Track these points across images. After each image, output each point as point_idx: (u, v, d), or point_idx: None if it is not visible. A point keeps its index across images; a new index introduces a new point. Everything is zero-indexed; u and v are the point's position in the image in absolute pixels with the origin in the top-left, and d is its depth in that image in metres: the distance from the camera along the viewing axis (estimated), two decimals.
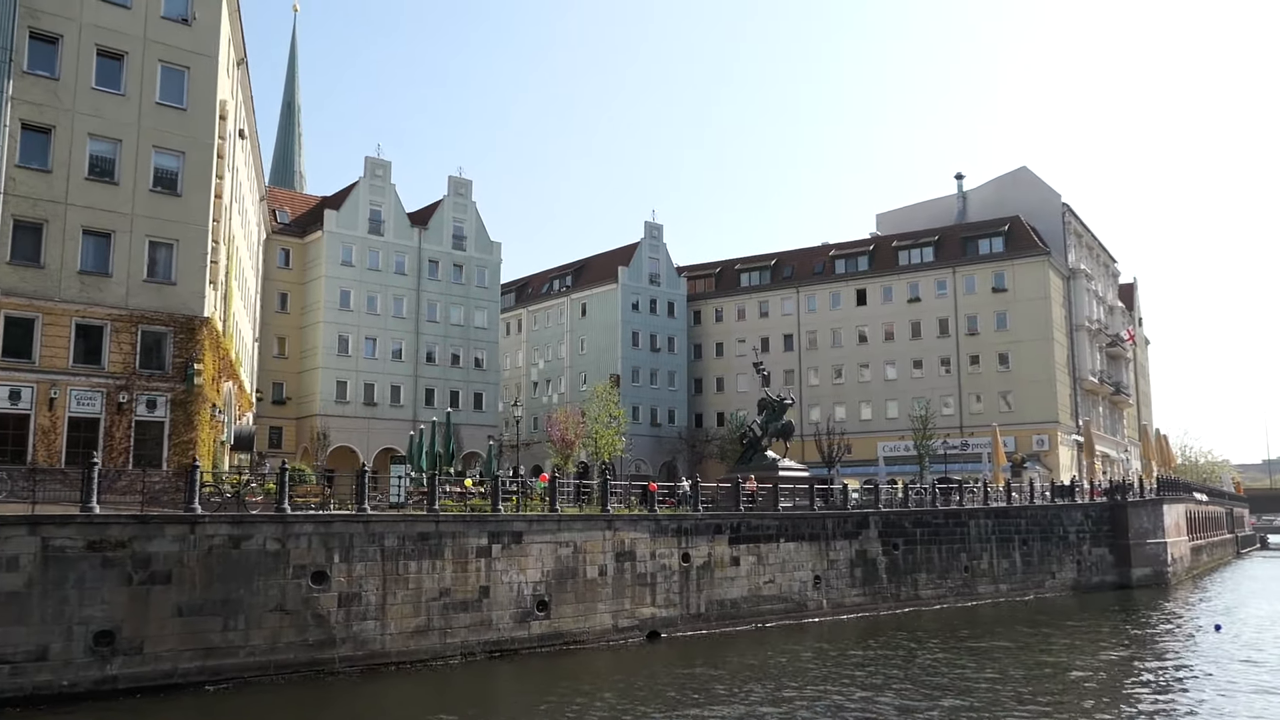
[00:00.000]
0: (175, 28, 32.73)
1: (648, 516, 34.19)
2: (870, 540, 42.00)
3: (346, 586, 26.24)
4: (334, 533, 26.23)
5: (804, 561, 39.12)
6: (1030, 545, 49.78)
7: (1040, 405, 70.72)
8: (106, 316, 30.56)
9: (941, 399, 74.46)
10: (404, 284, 67.44)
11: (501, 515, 29.99)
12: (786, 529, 38.72)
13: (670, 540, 34.53)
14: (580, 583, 31.55)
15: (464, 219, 70.97)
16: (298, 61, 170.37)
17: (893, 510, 44.16)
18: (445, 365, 68.84)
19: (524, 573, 30.11)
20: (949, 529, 45.77)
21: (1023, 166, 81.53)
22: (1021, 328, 72.18)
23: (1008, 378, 72.44)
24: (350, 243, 65.47)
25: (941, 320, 75.43)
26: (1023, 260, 72.74)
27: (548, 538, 30.99)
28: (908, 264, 77.79)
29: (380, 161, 68.01)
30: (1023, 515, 49.98)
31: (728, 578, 36.17)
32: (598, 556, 32.24)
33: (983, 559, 47.07)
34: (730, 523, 36.82)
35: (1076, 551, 52.81)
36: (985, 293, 73.92)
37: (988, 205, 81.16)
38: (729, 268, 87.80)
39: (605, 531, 32.61)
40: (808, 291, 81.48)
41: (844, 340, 79.38)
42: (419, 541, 27.87)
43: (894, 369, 76.91)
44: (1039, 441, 70.44)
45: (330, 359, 63.95)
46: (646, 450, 79.18)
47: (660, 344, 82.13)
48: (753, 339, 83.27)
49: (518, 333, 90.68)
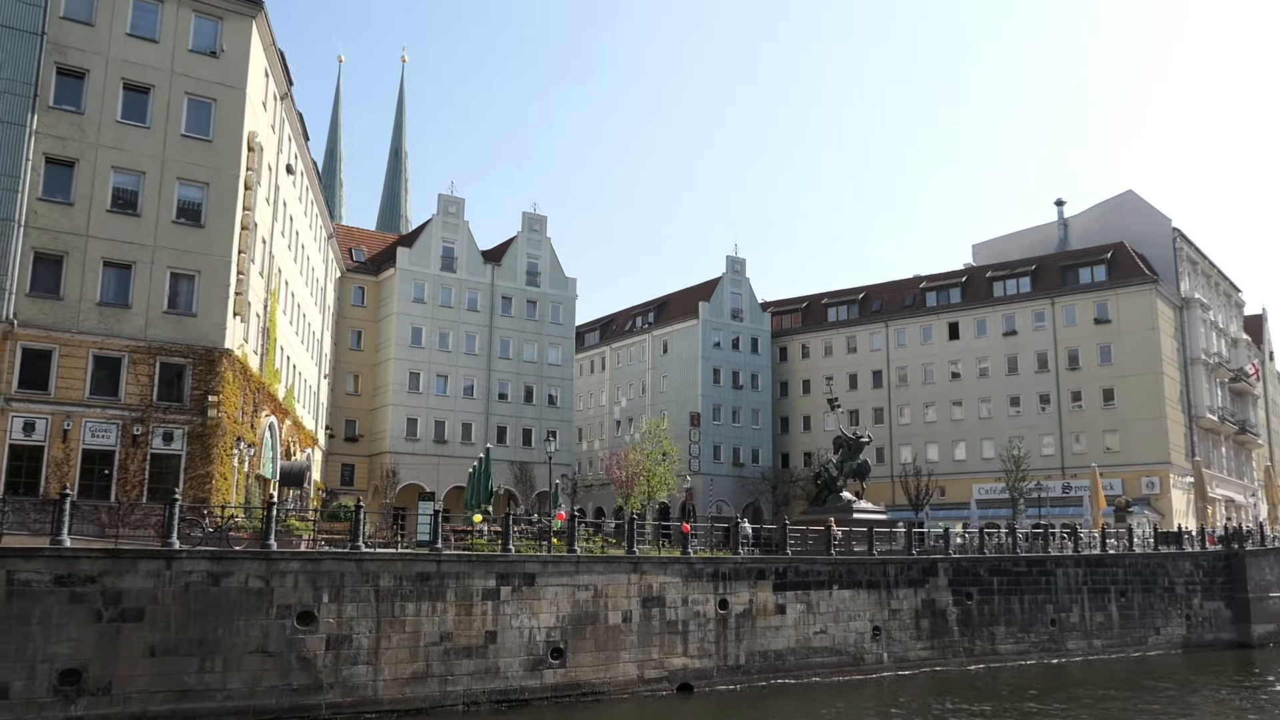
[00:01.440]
0: (203, 60, 32.75)
1: (679, 559, 31.99)
2: (939, 589, 38.71)
3: (336, 628, 24.90)
4: (323, 571, 24.98)
5: (861, 611, 36.17)
6: (1129, 597, 45.39)
7: (1150, 445, 65.40)
8: (124, 348, 30.35)
9: (1040, 438, 69.71)
10: (476, 321, 67.08)
11: (512, 555, 28.31)
12: (840, 575, 35.90)
13: (705, 585, 32.23)
14: (601, 629, 29.54)
15: (538, 255, 70.39)
16: (405, 110, 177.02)
17: (965, 556, 40.76)
18: (518, 402, 67.98)
19: (536, 617, 28.31)
20: (1032, 578, 42.00)
21: (1129, 190, 76.55)
22: (1127, 361, 67.15)
23: (1113, 415, 67.36)
24: (422, 280, 65.53)
25: (1040, 354, 70.90)
26: (1128, 289, 67.85)
27: (564, 580, 29.14)
28: (1003, 295, 73.60)
29: (453, 199, 68.13)
30: (1120, 564, 45.67)
31: (772, 627, 33.57)
32: (621, 601, 30.20)
33: (1072, 611, 43.00)
34: (775, 567, 34.27)
35: (1185, 605, 48.00)
36: (1087, 324, 69.16)
37: (1091, 232, 76.36)
38: (815, 302, 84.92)
39: (630, 575, 30.58)
40: (897, 326, 77.94)
41: (936, 376, 75.42)
42: (418, 582, 26.39)
43: (989, 407, 72.53)
44: (1149, 484, 65.06)
45: (401, 396, 63.80)
46: (729, 491, 76.58)
47: (743, 381, 79.64)
48: (840, 376, 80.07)
49: (601, 371, 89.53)
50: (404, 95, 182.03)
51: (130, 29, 31.65)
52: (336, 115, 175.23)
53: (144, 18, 31.86)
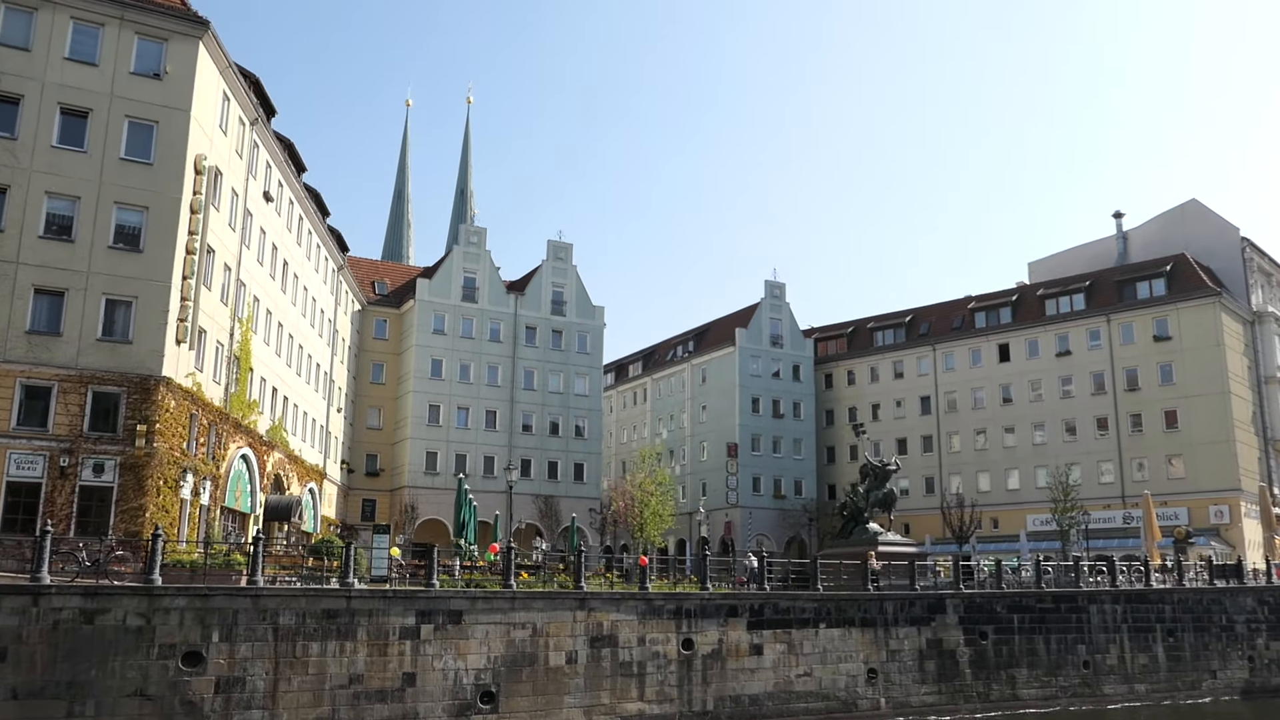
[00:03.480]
0: (145, 83, 32.04)
1: (634, 595, 29.53)
2: (947, 627, 35.36)
3: (226, 669, 23.14)
4: (213, 608, 23.27)
5: (853, 651, 33.10)
6: (1179, 637, 41.11)
7: (1217, 471, 60.16)
8: (54, 376, 29.46)
9: (1098, 465, 64.94)
10: (499, 352, 65.68)
11: (435, 591, 26.26)
12: (828, 613, 32.94)
13: (666, 624, 29.68)
14: (540, 671, 27.23)
15: (564, 283, 68.81)
16: (470, 150, 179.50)
17: (980, 592, 37.28)
18: (543, 435, 66.14)
19: (463, 658, 26.16)
20: (1060, 615, 38.22)
21: (1192, 199, 71.53)
22: (1190, 381, 62.15)
23: (1176, 439, 62.31)
24: (443, 311, 64.49)
25: (1096, 375, 66.24)
26: (1189, 304, 62.95)
27: (497, 618, 26.97)
28: (1055, 314, 69.18)
29: (475, 229, 67.20)
30: (1167, 600, 41.45)
31: (745, 669, 30.79)
32: (565, 641, 27.87)
33: (1109, 653, 39.02)
34: (750, 604, 31.52)
35: (1248, 646, 43.42)
36: (1145, 342, 64.38)
37: (1152, 245, 71.47)
38: (861, 326, 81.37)
39: (576, 612, 28.25)
40: (945, 349, 73.98)
41: (986, 401, 71.15)
42: (324, 619, 24.51)
43: (1042, 432, 68.02)
44: (1217, 513, 59.81)
45: (420, 429, 62.61)
46: (769, 524, 73.32)
47: (784, 410, 76.45)
48: (887, 402, 76.37)
49: (643, 402, 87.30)
50: (469, 135, 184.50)
51: (69, 53, 31.13)
52: (404, 158, 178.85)
53: (84, 41, 31.33)
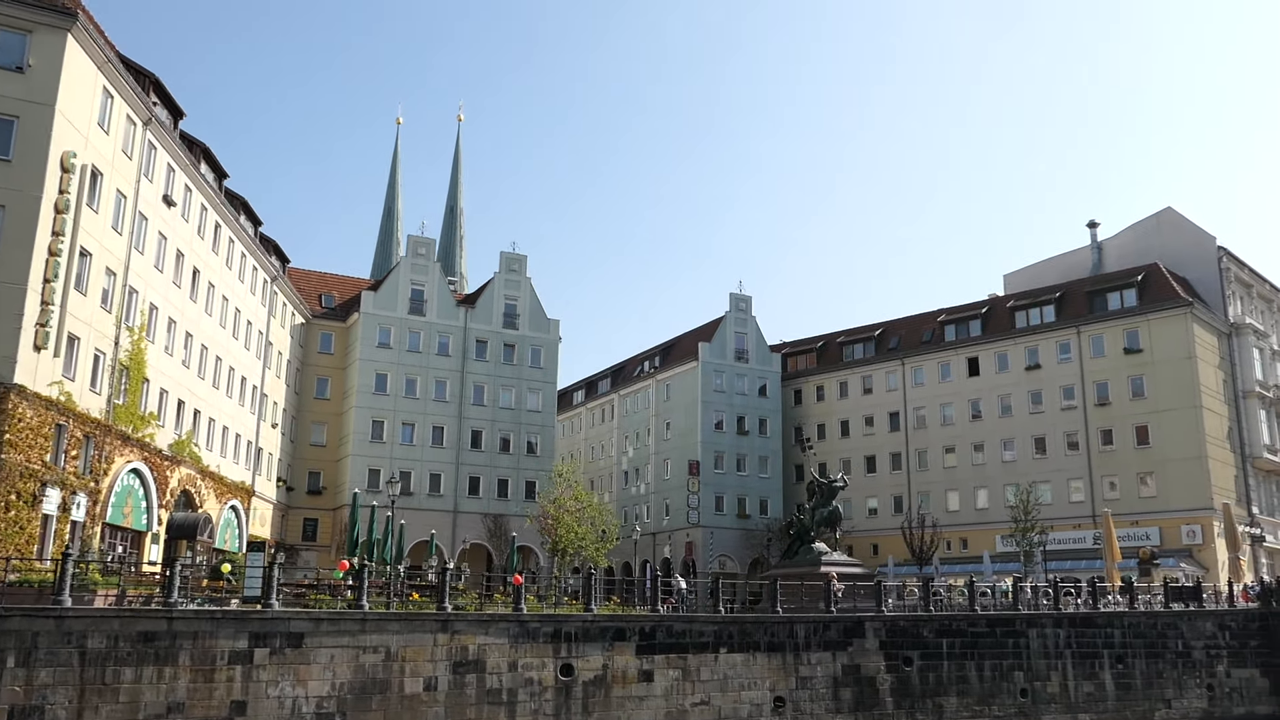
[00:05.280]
0: (5, 76, 30.48)
1: (506, 617, 27.48)
2: (867, 653, 33.15)
3: (23, 698, 21.18)
4: (8, 630, 21.38)
5: (758, 678, 30.92)
6: (1129, 664, 38.73)
7: (1189, 489, 57.63)
8: None
9: (1069, 484, 62.50)
10: (448, 366, 63.82)
11: (272, 612, 24.26)
12: (730, 636, 30.78)
13: (542, 648, 27.60)
14: (394, 700, 25.16)
15: (517, 296, 67.00)
16: (461, 167, 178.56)
17: (904, 615, 35.03)
18: (493, 451, 64.14)
19: (303, 685, 24.13)
20: (995, 640, 35.95)
21: (1167, 207, 69.22)
22: (1162, 395, 59.75)
23: (1148, 456, 59.83)
24: (388, 324, 62.74)
25: (1066, 389, 63.86)
26: (1159, 315, 60.63)
27: (344, 641, 24.94)
28: (1025, 326, 66.96)
29: (423, 240, 65.56)
30: (1116, 625, 39.09)
31: (633, 697, 28.64)
32: (424, 666, 25.81)
33: (1050, 680, 36.68)
34: (640, 627, 29.42)
35: (1206, 674, 40.99)
36: (1116, 355, 62.02)
37: (1127, 255, 69.25)
38: (831, 341, 79.16)
39: (438, 634, 26.20)
40: (914, 363, 71.75)
41: (955, 417, 68.83)
42: (140, 643, 22.52)
43: (1011, 450, 65.64)
44: (1189, 533, 57.28)
45: (363, 445, 60.70)
46: (732, 545, 70.98)
47: (749, 426, 74.23)
48: (856, 419, 74.13)
49: (610, 420, 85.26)
50: (460, 152, 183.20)
51: None
52: (394, 175, 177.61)
53: None
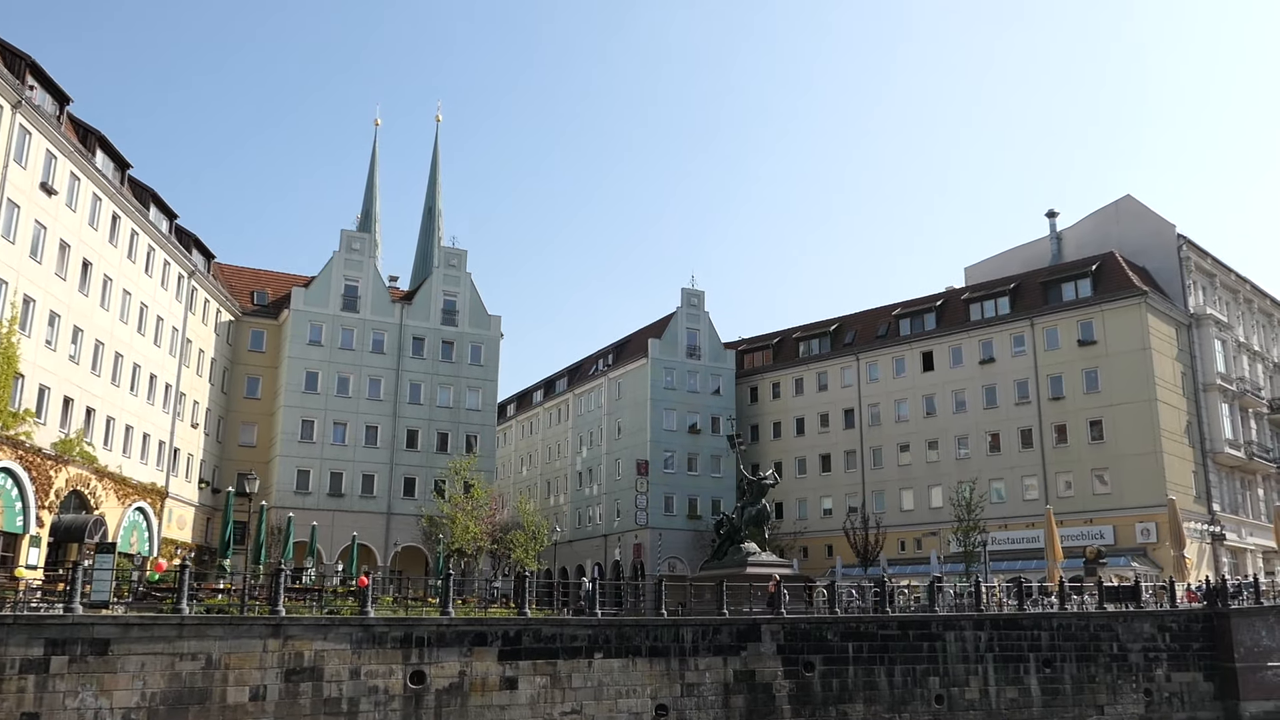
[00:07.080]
0: None
1: (346, 620, 25.56)
2: (762, 657, 31.21)
3: None
4: None
5: (637, 685, 28.98)
6: (1058, 668, 36.69)
7: (1144, 486, 55.59)
8: None
9: (1023, 481, 60.55)
10: (382, 364, 61.97)
11: (73, 617, 22.33)
12: (606, 640, 28.85)
13: (389, 653, 25.66)
14: (213, 710, 23.22)
15: (456, 292, 65.16)
16: (439, 168, 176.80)
17: (805, 618, 33.06)
18: (429, 451, 62.25)
19: (108, 695, 22.20)
20: (908, 643, 33.99)
21: (1127, 195, 67.34)
22: (1116, 388, 57.78)
23: (1102, 452, 57.85)
24: (320, 321, 60.89)
25: (1020, 383, 61.94)
26: (1114, 305, 58.70)
27: (159, 647, 22.99)
28: (980, 319, 65.06)
29: (356, 235, 63.80)
30: (1044, 626, 37.06)
31: (493, 705, 26.71)
32: (251, 674, 23.85)
33: (969, 685, 34.68)
34: (503, 630, 27.49)
35: (1144, 677, 38.90)
36: (1070, 347, 60.07)
37: (1086, 245, 67.28)
38: (787, 337, 77.22)
39: (268, 640, 24.25)
40: (868, 358, 69.82)
41: (910, 413, 66.87)
42: None
43: (965, 447, 63.66)
44: (1143, 531, 55.28)
45: (291, 446, 58.82)
46: (682, 546, 69.02)
47: (702, 425, 72.33)
48: (811, 416, 72.25)
49: (566, 420, 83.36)
50: (438, 153, 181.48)
51: None
52: (372, 178, 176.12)
53: None
